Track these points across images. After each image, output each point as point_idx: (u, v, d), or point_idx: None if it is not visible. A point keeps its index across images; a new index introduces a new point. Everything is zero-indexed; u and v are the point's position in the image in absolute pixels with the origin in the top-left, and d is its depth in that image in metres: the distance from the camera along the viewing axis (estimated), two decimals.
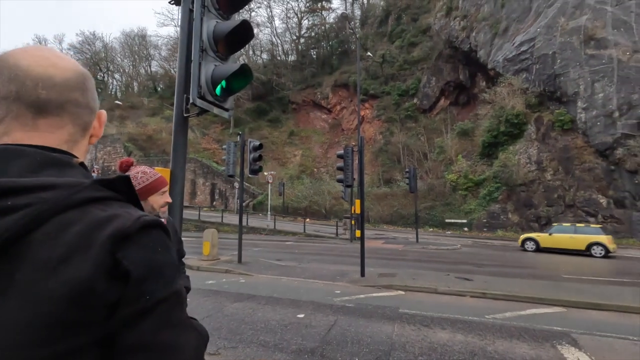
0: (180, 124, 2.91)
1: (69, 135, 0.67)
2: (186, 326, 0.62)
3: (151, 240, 0.60)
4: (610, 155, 22.09)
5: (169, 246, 0.64)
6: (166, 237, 0.63)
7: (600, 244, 15.10)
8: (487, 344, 4.68)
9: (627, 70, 22.39)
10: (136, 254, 0.56)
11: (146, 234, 0.59)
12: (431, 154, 33.63)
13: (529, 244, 17.17)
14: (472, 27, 34.80)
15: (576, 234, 15.92)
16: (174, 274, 0.61)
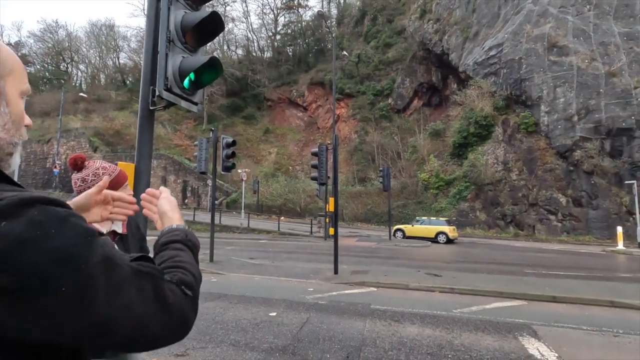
0: (146, 117, 2.80)
1: None
2: (120, 289, 0.55)
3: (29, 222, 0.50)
4: (570, 157, 23.43)
5: (63, 221, 0.53)
6: (52, 214, 0.53)
7: (444, 232, 19.40)
8: (454, 337, 4.83)
9: (586, 77, 23.82)
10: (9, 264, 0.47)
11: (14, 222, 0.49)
12: (404, 154, 34.32)
13: (398, 233, 21.17)
14: (445, 30, 35.79)
15: (429, 225, 20.01)
16: (75, 252, 0.52)
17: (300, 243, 18.04)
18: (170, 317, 0.61)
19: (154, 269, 0.65)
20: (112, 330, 0.54)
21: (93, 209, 1.05)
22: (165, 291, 0.62)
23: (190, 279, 0.71)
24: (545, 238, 22.14)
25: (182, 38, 2.63)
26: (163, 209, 0.96)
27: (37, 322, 0.49)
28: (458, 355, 4.25)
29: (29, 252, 0.47)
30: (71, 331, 0.51)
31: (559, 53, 25.22)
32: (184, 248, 0.82)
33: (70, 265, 0.50)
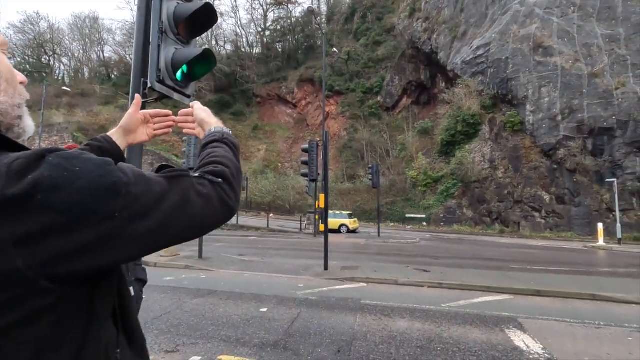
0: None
1: None
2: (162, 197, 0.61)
3: (53, 168, 0.52)
4: (554, 155, 23.98)
5: (77, 158, 0.56)
6: (67, 156, 0.56)
7: (345, 225, 22.69)
8: (443, 330, 4.92)
9: (570, 77, 24.37)
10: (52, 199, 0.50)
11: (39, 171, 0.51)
12: (393, 151, 34.60)
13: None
14: (434, 29, 36.10)
15: (334, 218, 22.19)
16: (108, 180, 0.56)
17: (290, 240, 18.03)
18: (211, 205, 0.68)
19: (180, 170, 0.70)
20: (167, 232, 0.61)
21: (139, 130, 1.12)
22: (196, 186, 0.68)
23: (220, 169, 0.76)
24: (530, 234, 22.66)
25: (174, 29, 2.59)
26: (200, 117, 1.03)
27: (103, 248, 0.54)
28: (447, 348, 4.32)
29: (67, 191, 0.50)
30: (130, 246, 0.57)
31: (544, 53, 25.73)
32: (221, 145, 0.88)
33: (111, 191, 0.54)
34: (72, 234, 0.51)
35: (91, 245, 0.53)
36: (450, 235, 22.52)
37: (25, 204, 0.48)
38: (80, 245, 0.52)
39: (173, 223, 0.62)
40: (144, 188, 0.60)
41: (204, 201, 0.67)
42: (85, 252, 0.53)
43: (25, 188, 0.48)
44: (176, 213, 0.62)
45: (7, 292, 0.48)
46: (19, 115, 0.67)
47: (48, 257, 0.49)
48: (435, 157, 29.68)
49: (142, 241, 0.59)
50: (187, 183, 0.67)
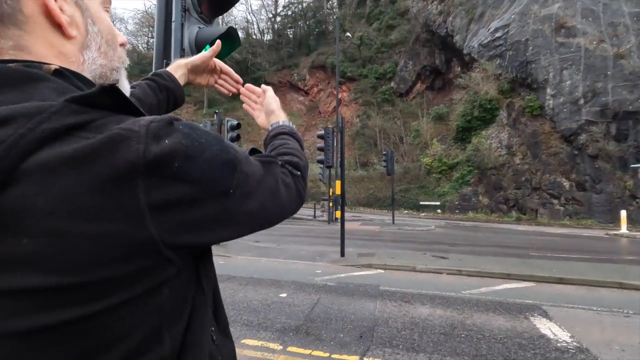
0: None
1: (17, 36, 0.49)
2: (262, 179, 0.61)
3: (186, 136, 0.49)
4: (574, 141, 23.22)
5: (199, 130, 0.54)
6: (191, 125, 0.53)
7: None
8: (465, 317, 4.85)
9: (593, 59, 23.35)
10: (188, 168, 0.48)
11: (174, 135, 0.49)
12: (407, 138, 34.12)
13: None
14: (449, 11, 34.93)
15: None
16: (229, 155, 0.55)
17: (304, 227, 18.10)
18: (291, 193, 0.70)
19: (272, 157, 0.71)
20: (263, 213, 0.61)
21: (204, 74, 1.12)
22: (282, 175, 0.69)
23: (296, 161, 0.78)
24: (548, 222, 22.17)
25: (197, 8, 2.50)
26: (272, 107, 1.05)
27: (217, 224, 0.53)
28: (471, 334, 4.26)
29: (198, 161, 0.49)
30: (236, 225, 0.56)
31: (566, 34, 24.65)
32: (291, 138, 0.90)
33: (229, 167, 0.54)
34: (197, 206, 0.50)
35: (211, 219, 0.52)
36: (465, 222, 22.24)
37: (164, 169, 0.46)
38: (202, 219, 0.51)
39: (268, 207, 0.62)
40: (251, 168, 0.59)
41: (287, 190, 0.69)
42: (206, 226, 0.52)
43: (166, 152, 0.46)
44: (271, 197, 0.63)
45: (136, 262, 0.44)
46: (117, 79, 0.64)
47: (177, 228, 0.48)
48: (451, 143, 29.13)
49: (245, 221, 0.58)
50: (277, 170, 0.68)
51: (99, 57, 0.59)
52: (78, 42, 0.56)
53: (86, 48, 0.57)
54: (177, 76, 1.05)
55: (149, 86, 0.99)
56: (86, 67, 0.58)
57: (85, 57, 0.57)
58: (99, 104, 0.47)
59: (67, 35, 0.54)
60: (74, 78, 0.53)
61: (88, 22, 0.57)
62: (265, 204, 0.61)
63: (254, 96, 1.11)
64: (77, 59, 0.56)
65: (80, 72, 0.56)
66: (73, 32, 0.54)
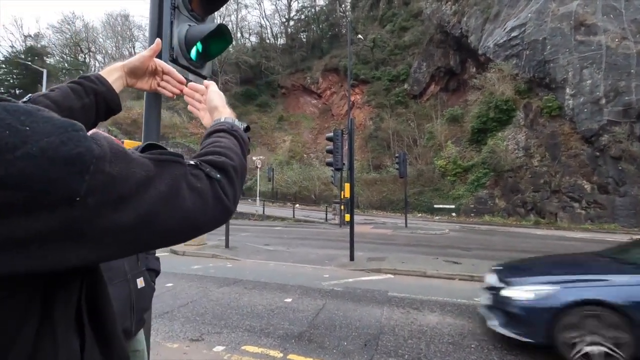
0: (152, 94, 2.64)
1: None
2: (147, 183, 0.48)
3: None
4: (596, 142, 22.38)
5: (30, 115, 0.41)
6: (12, 107, 0.41)
7: None
8: (477, 326, 4.63)
9: (615, 57, 22.50)
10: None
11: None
12: (421, 140, 33.62)
13: None
14: (464, 11, 34.38)
15: None
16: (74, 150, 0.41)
17: (315, 230, 17.98)
18: (204, 200, 0.56)
19: (173, 155, 0.58)
20: (148, 229, 0.48)
21: (144, 77, 1.02)
22: (189, 177, 0.56)
23: (222, 160, 0.64)
24: (568, 226, 21.40)
25: (188, 5, 2.44)
26: (215, 104, 0.91)
27: (48, 246, 0.40)
28: (482, 345, 4.05)
29: (5, 160, 0.37)
30: (93, 245, 0.43)
31: (586, 32, 23.85)
32: (228, 136, 0.76)
33: (74, 165, 0.40)
34: (7, 220, 0.37)
35: (29, 240, 0.38)
36: (481, 226, 21.67)
37: None
38: (9, 239, 0.37)
39: (157, 219, 0.48)
40: (123, 168, 0.45)
41: (195, 196, 0.54)
42: (25, 247, 0.38)
43: None
44: (162, 206, 0.49)
45: None
46: None
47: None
48: (465, 145, 28.54)
49: (110, 239, 0.44)
50: (179, 171, 0.54)
51: None
52: None
53: None
54: (111, 80, 0.94)
55: (72, 89, 0.87)
56: None
57: None
58: None
59: None
60: None
61: None
62: (151, 215, 0.47)
63: (198, 95, 0.99)
64: None
65: None
66: None
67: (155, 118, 2.73)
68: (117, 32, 60.86)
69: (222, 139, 0.74)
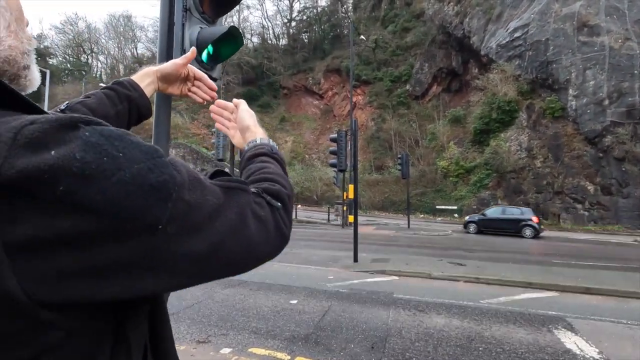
0: (163, 95, 2.64)
1: None
2: (217, 211, 0.46)
3: (88, 147, 0.37)
4: (599, 143, 22.31)
5: (121, 140, 0.40)
6: (108, 133, 0.40)
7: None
8: (484, 329, 4.61)
9: (619, 57, 22.44)
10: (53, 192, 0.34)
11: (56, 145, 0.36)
12: (423, 141, 33.60)
13: None
14: (466, 12, 34.36)
15: None
16: (160, 177, 0.40)
17: (318, 231, 17.97)
18: (267, 229, 0.54)
19: (240, 182, 0.56)
20: (218, 256, 0.46)
21: (176, 83, 1.02)
22: (254, 205, 0.54)
23: (277, 189, 0.62)
24: (571, 227, 21.33)
25: (199, 7, 2.44)
26: (247, 123, 0.88)
27: (130, 272, 0.39)
28: (490, 348, 4.03)
29: (102, 186, 0.36)
30: (168, 273, 0.42)
31: (589, 33, 23.80)
32: (271, 160, 0.76)
33: (159, 193, 0.39)
34: (96, 246, 0.36)
35: (120, 265, 0.38)
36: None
37: (38, 192, 0.33)
38: (102, 265, 0.37)
39: (226, 248, 0.47)
40: (199, 195, 0.44)
41: (259, 225, 0.53)
42: (109, 274, 0.38)
43: (43, 168, 0.33)
44: (231, 235, 0.48)
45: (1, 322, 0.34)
46: (27, 64, 0.53)
47: (53, 277, 0.35)
48: (468, 146, 28.49)
49: (184, 267, 0.43)
50: (245, 199, 0.53)
51: (7, 37, 0.49)
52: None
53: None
54: (143, 85, 0.94)
55: (106, 95, 0.87)
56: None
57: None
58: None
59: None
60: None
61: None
62: (221, 244, 0.46)
63: (227, 112, 0.96)
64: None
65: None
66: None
67: (165, 119, 2.73)
68: (120, 33, 60.99)
69: (268, 165, 0.73)
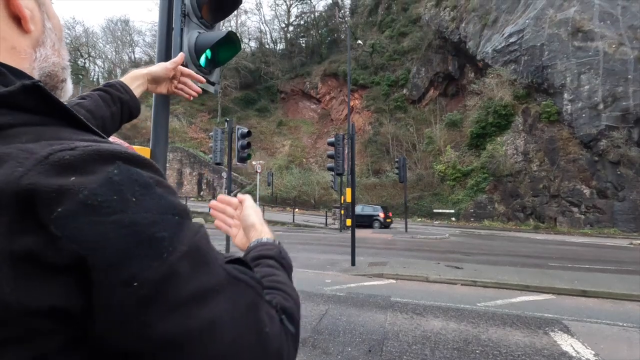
0: (162, 99, 2.66)
1: None
2: (206, 296, 0.39)
3: (106, 183, 0.36)
4: (594, 147, 22.50)
5: (145, 187, 0.38)
6: (136, 176, 0.38)
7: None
8: (480, 332, 4.62)
9: (613, 62, 22.70)
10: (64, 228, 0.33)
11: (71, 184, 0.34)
12: (420, 145, 33.73)
13: None
14: (462, 17, 34.69)
15: None
16: (159, 233, 0.37)
17: (315, 235, 17.96)
18: (264, 350, 0.43)
19: (255, 279, 0.48)
20: (185, 350, 0.36)
21: (164, 83, 1.08)
22: (263, 314, 0.45)
23: (291, 307, 0.53)
24: (568, 230, 21.44)
25: (198, 12, 2.47)
26: (252, 220, 0.78)
27: (102, 317, 0.35)
28: (486, 350, 4.04)
29: (97, 221, 0.34)
30: (130, 340, 0.35)
31: (584, 38, 24.09)
32: (279, 267, 0.64)
33: (150, 250, 0.36)
34: (62, 279, 0.34)
35: (74, 310, 0.34)
36: (480, 230, 21.69)
37: (39, 207, 0.33)
38: (57, 305, 0.34)
39: (202, 348, 0.38)
40: (195, 267, 0.39)
41: (259, 341, 0.43)
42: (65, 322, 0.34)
43: (52, 188, 0.33)
44: (215, 333, 0.39)
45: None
46: (65, 78, 0.58)
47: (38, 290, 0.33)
48: (465, 150, 28.64)
49: (146, 351, 0.36)
50: (253, 299, 0.44)
51: (52, 55, 0.54)
52: (33, 38, 0.50)
53: (40, 45, 0.52)
54: (133, 87, 0.99)
55: (101, 97, 0.92)
56: (36, 65, 0.51)
57: (38, 54, 0.51)
58: (18, 105, 0.39)
59: (25, 30, 0.48)
60: (11, 75, 0.45)
61: (44, 17, 0.52)
62: (194, 337, 0.37)
63: (230, 209, 0.85)
64: (29, 55, 0.50)
65: (26, 69, 0.49)
66: (31, 26, 0.49)
67: (163, 123, 2.75)
68: (117, 37, 61.14)
69: (277, 271, 0.62)
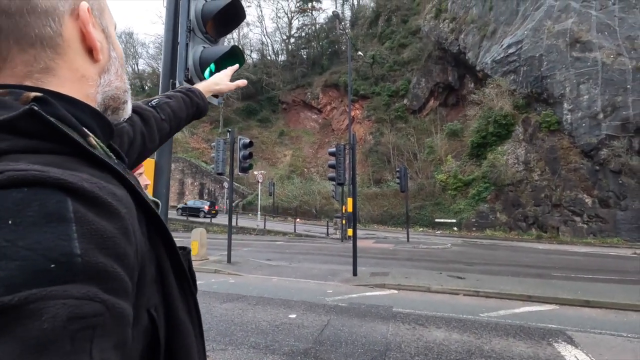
0: None
1: (14, 63, 0.46)
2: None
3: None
4: (595, 156, 22.51)
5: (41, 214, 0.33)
6: (43, 196, 0.34)
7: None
8: (483, 342, 4.59)
9: (611, 72, 22.88)
10: None
11: None
12: (421, 154, 33.80)
13: None
14: (461, 29, 35.14)
15: None
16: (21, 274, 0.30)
17: (317, 245, 17.90)
18: None
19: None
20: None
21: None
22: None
23: None
24: (570, 240, 21.30)
25: (202, 28, 2.55)
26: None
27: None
28: None
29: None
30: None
31: (582, 49, 24.32)
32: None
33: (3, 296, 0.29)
34: None
35: None
36: (483, 240, 21.57)
37: None
38: None
39: None
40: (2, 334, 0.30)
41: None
42: None
43: None
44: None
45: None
46: (126, 100, 0.63)
47: None
48: (466, 159, 28.68)
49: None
50: None
51: (115, 80, 0.59)
52: (100, 66, 0.56)
53: (106, 72, 0.57)
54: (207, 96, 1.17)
55: (183, 100, 1.02)
56: (99, 90, 0.57)
57: (102, 79, 0.57)
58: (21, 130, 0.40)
59: (95, 60, 0.54)
60: (65, 104, 0.47)
61: (110, 47, 0.59)
62: None
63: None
64: (95, 82, 0.56)
65: (91, 94, 0.54)
66: (100, 56, 0.55)
67: None
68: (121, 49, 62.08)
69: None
